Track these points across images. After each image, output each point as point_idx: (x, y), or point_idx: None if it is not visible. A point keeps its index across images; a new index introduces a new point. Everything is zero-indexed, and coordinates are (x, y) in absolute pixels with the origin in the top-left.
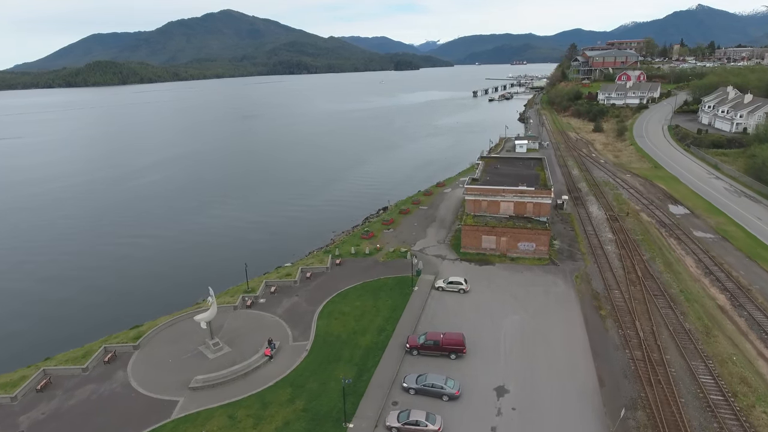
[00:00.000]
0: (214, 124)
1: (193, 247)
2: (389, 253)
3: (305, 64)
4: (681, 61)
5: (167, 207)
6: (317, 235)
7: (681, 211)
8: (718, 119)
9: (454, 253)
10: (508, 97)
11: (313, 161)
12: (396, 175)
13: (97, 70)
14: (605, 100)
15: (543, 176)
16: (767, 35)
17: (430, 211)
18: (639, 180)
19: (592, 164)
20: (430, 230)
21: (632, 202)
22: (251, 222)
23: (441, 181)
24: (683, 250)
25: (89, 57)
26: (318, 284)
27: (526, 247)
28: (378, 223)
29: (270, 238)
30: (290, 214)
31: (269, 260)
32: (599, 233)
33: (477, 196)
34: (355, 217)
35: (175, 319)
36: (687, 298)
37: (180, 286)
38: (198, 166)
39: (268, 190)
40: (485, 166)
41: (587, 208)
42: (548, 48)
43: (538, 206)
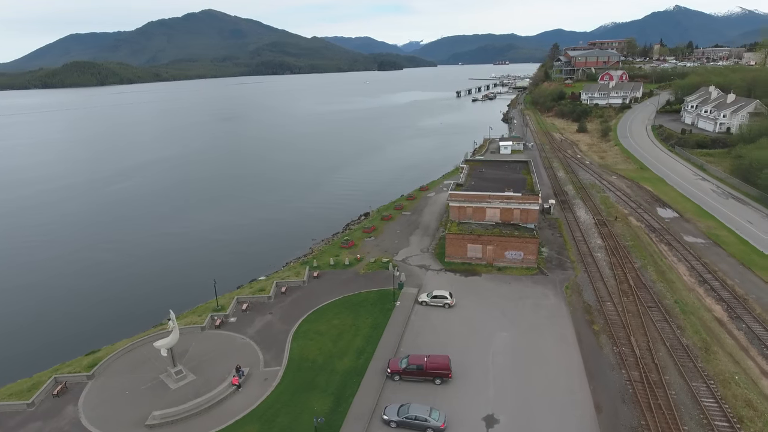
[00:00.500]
0: (192, 127)
1: (160, 260)
2: (370, 263)
3: (288, 64)
4: (662, 61)
5: (134, 216)
6: (295, 244)
7: (670, 215)
8: (702, 119)
9: (439, 262)
10: (492, 98)
11: (294, 165)
12: (379, 179)
13: (75, 71)
14: (588, 100)
15: (530, 180)
16: (742, 35)
17: (413, 217)
18: (626, 182)
19: (577, 166)
20: (413, 238)
21: (620, 205)
22: (224, 231)
23: (424, 185)
24: (675, 257)
25: (67, 57)
26: (294, 300)
27: (513, 255)
28: (359, 230)
29: (244, 249)
30: (267, 222)
31: (242, 273)
32: (588, 239)
33: (462, 202)
34: (336, 223)
35: (135, 342)
36: (682, 309)
37: (143, 305)
38: (171, 171)
39: (245, 197)
40: (470, 170)
41: (575, 212)
42: (530, 48)
43: (526, 212)
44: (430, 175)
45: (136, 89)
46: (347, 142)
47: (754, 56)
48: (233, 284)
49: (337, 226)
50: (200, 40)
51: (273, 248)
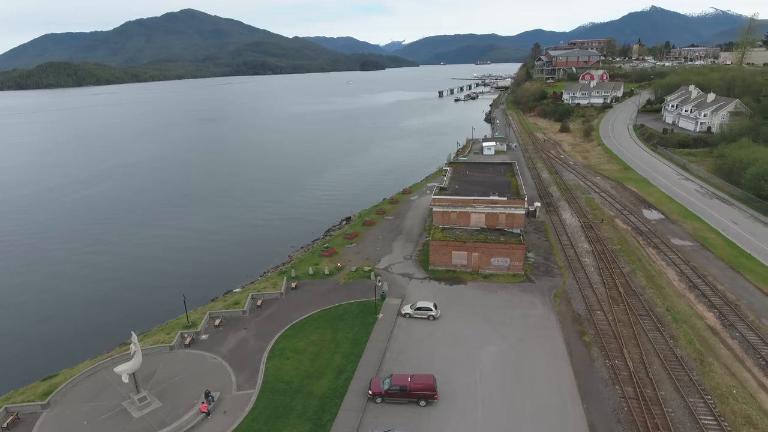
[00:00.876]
0: (168, 129)
1: (127, 272)
2: (351, 272)
3: (270, 64)
4: (641, 60)
5: (100, 224)
6: (273, 253)
7: (656, 217)
8: (682, 118)
9: (422, 270)
10: (474, 97)
11: (273, 168)
12: (361, 182)
13: (50, 72)
14: (570, 100)
15: (515, 183)
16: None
17: (395, 222)
18: (610, 182)
19: (561, 166)
20: (396, 244)
21: (605, 207)
22: (198, 239)
23: (407, 188)
24: (664, 261)
25: (43, 58)
26: (270, 314)
27: (499, 262)
28: (340, 236)
29: (220, 258)
30: (244, 229)
31: (217, 285)
32: (575, 243)
33: (445, 207)
34: (316, 229)
35: (98, 365)
36: (674, 318)
37: (108, 321)
38: (143, 176)
39: (220, 202)
40: (453, 172)
41: (560, 214)
42: (511, 48)
43: (511, 217)
44: (413, 176)
45: (114, 90)
46: (329, 143)
47: (730, 56)
48: (206, 297)
49: (318, 232)
50: (180, 40)
51: (250, 257)
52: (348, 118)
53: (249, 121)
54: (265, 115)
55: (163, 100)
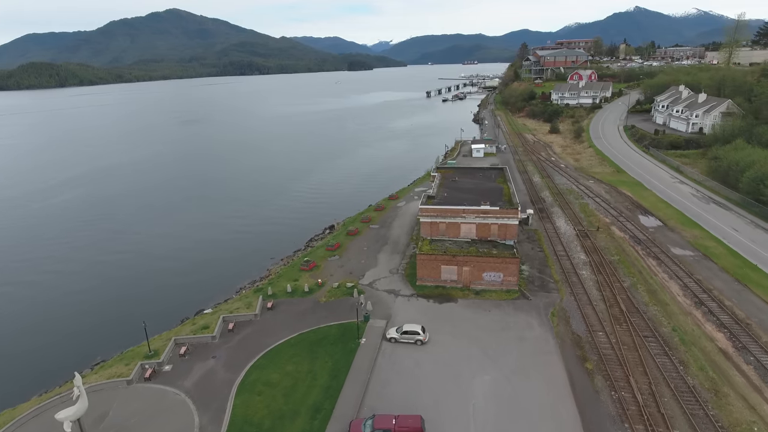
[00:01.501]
0: (147, 132)
1: (85, 292)
2: (333, 290)
3: (256, 64)
4: (628, 60)
5: (56, 236)
6: (251, 266)
7: (653, 223)
8: (673, 119)
9: (410, 286)
10: (462, 98)
11: (253, 173)
12: (346, 187)
13: (32, 72)
14: (559, 100)
15: (506, 190)
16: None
17: (381, 231)
18: (603, 186)
19: (553, 169)
20: (382, 256)
21: (600, 213)
22: (169, 252)
23: (394, 194)
24: (665, 273)
25: (24, 58)
26: (243, 339)
27: (492, 277)
28: (322, 248)
29: (191, 274)
30: (220, 240)
31: (187, 304)
32: (571, 254)
33: (434, 217)
34: (298, 239)
35: (45, 404)
36: (682, 339)
37: (60, 351)
38: (113, 182)
39: (196, 210)
40: (442, 179)
41: (554, 222)
42: (498, 48)
43: (504, 228)
44: (400, 181)
45: (97, 91)
46: (313, 145)
47: (717, 55)
48: (175, 319)
49: (299, 243)
50: (165, 40)
51: (225, 272)
52: (334, 119)
53: (232, 123)
54: (249, 117)
55: (146, 101)
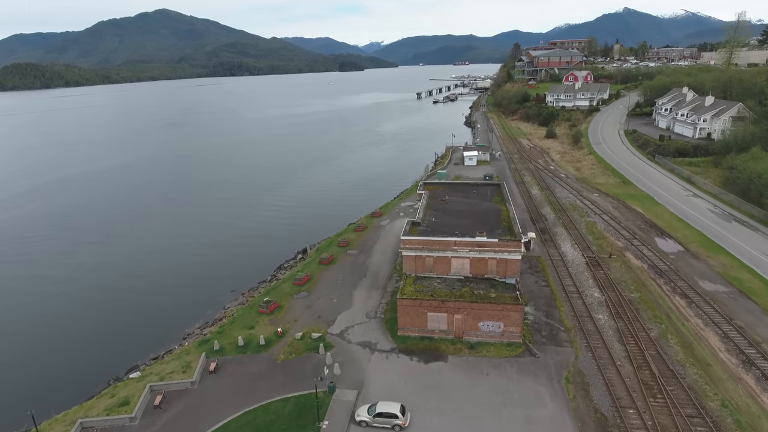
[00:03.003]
0: (127, 136)
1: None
2: (294, 342)
3: (247, 65)
4: (623, 60)
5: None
6: (203, 305)
7: (673, 248)
8: (678, 123)
9: (389, 337)
10: (453, 99)
11: (226, 183)
12: (325, 201)
13: (16, 74)
14: (554, 103)
15: (505, 213)
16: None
17: (360, 258)
18: (610, 201)
19: (552, 180)
20: (358, 293)
21: (610, 234)
22: (99, 289)
23: (377, 210)
24: (699, 318)
25: (11, 59)
26: (171, 420)
27: (490, 328)
28: (289, 281)
29: (123, 318)
30: (171, 269)
31: (111, 365)
32: (582, 290)
33: (419, 251)
34: (264, 267)
35: None
36: (737, 421)
37: None
38: (65, 196)
39: (151, 231)
40: (429, 197)
41: (559, 246)
42: (489, 49)
43: (504, 264)
44: (386, 193)
45: (82, 92)
46: (294, 152)
47: (715, 56)
48: (90, 387)
49: (266, 271)
50: (155, 40)
51: (169, 314)
52: (320, 122)
53: (217, 126)
54: (231, 120)
55: (127, 103)
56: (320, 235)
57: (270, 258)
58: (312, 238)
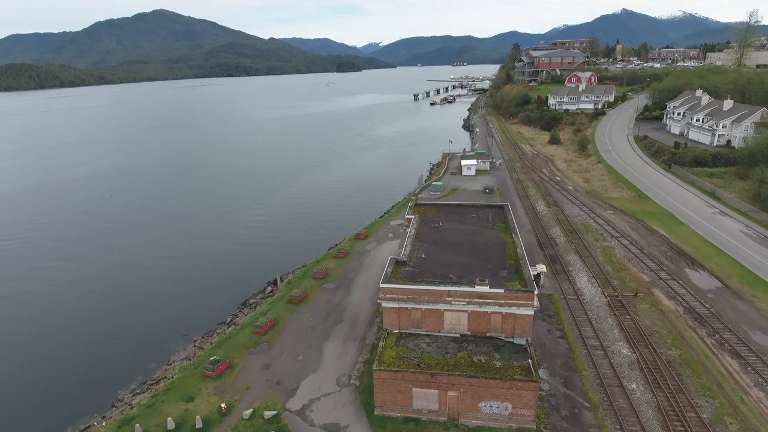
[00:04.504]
0: (108, 140)
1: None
2: (241, 424)
3: (244, 66)
4: (627, 61)
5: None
6: (144, 357)
7: (709, 283)
8: (693, 129)
9: (363, 417)
10: (451, 101)
11: (200, 198)
12: (307, 218)
13: (10, 74)
14: (557, 105)
15: (511, 247)
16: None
17: (337, 296)
18: (627, 220)
19: (560, 193)
20: (331, 346)
21: (632, 263)
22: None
23: (362, 231)
24: (760, 389)
25: (7, 59)
26: None
27: (494, 409)
28: (249, 326)
29: (37, 377)
30: (110, 308)
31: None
32: (607, 343)
33: (403, 302)
34: (225, 305)
35: None
36: None
37: None
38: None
39: (104, 255)
40: (419, 224)
41: (573, 280)
42: (487, 50)
43: (512, 320)
44: (374, 208)
45: (75, 93)
46: (281, 158)
47: (725, 56)
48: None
49: (226, 309)
50: (152, 41)
51: (100, 371)
52: (313, 125)
53: (205, 128)
54: (222, 122)
55: (120, 104)
56: (296, 261)
57: (235, 290)
58: (286, 264)
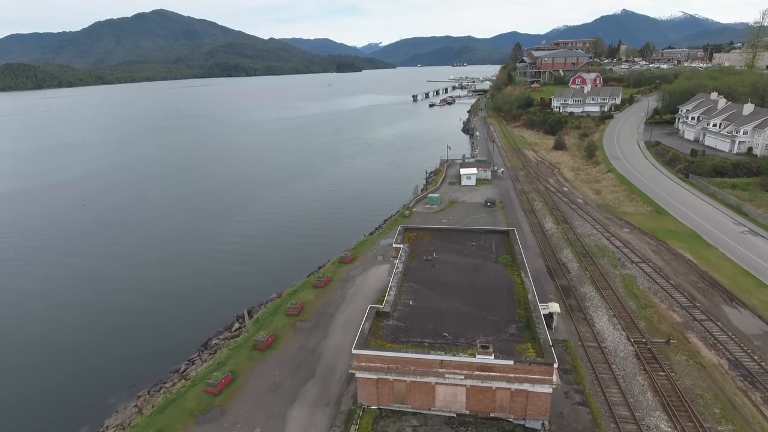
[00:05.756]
0: (95, 142)
1: None
2: None
3: (243, 66)
4: (631, 62)
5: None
6: (74, 424)
7: (753, 326)
8: (710, 135)
9: None
10: (450, 102)
11: (176, 212)
12: (288, 236)
13: (7, 74)
14: (561, 108)
15: (520, 290)
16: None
17: (312, 339)
18: (646, 240)
19: (568, 207)
20: (297, 414)
21: (659, 297)
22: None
23: (347, 253)
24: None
25: (7, 59)
26: None
27: None
28: (200, 385)
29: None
30: (44, 359)
31: None
32: (639, 413)
33: (383, 372)
34: (176, 351)
35: None
36: None
37: None
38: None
39: (46, 291)
40: (409, 257)
41: (591, 320)
42: (487, 50)
43: (524, 398)
44: (363, 224)
45: (72, 93)
46: (268, 165)
47: (737, 56)
48: None
49: (179, 356)
50: (151, 41)
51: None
52: (307, 127)
53: (195, 130)
54: (214, 124)
55: (116, 104)
56: (271, 289)
57: (198, 326)
58: (259, 293)
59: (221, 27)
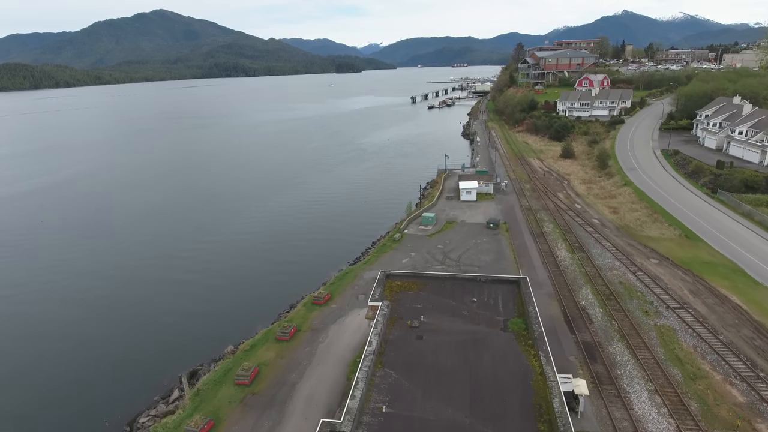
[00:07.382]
0: (82, 145)
1: None
2: None
3: (243, 66)
4: (639, 63)
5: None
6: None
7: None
8: (736, 144)
9: None
10: (450, 104)
11: (136, 236)
12: (258, 262)
13: (5, 74)
14: (567, 112)
15: (539, 385)
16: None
17: (263, 425)
18: (680, 276)
19: (583, 230)
20: None
21: (707, 360)
22: None
23: (322, 291)
24: None
25: (7, 59)
26: None
27: None
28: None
29: None
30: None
31: None
32: None
33: None
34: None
35: None
36: None
37: None
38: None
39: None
40: (389, 320)
41: (627, 400)
42: (487, 51)
43: None
44: (346, 250)
45: (69, 93)
46: (252, 174)
47: (752, 57)
48: None
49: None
50: (151, 41)
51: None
52: (301, 130)
53: (181, 134)
54: (206, 126)
55: (111, 105)
56: (226, 341)
57: (129, 395)
58: (211, 347)
59: (221, 27)
